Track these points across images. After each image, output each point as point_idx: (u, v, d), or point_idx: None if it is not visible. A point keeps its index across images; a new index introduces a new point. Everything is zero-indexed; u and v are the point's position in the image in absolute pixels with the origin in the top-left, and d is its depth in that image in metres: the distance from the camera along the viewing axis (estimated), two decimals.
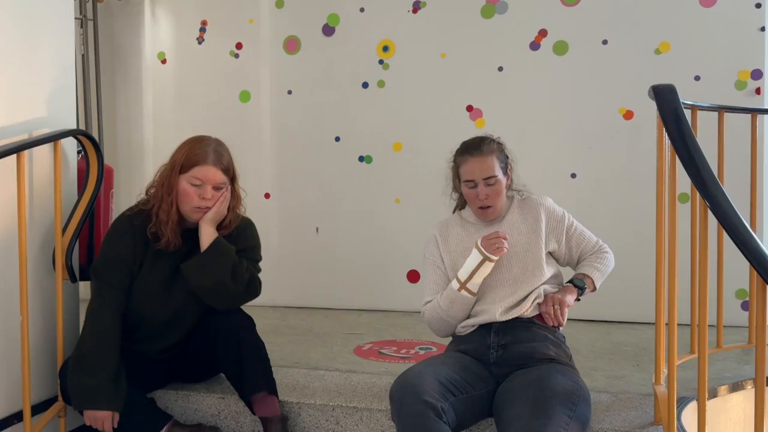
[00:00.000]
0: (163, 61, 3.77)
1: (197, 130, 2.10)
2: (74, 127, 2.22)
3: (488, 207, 1.99)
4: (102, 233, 2.32)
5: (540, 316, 1.95)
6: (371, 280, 3.50)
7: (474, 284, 1.94)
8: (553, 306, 1.92)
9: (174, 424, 2.02)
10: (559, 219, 2.04)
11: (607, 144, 3.21)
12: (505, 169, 2.02)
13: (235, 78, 3.65)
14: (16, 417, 1.95)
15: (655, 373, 1.90)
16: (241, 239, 2.07)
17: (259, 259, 2.14)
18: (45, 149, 2.02)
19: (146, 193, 2.06)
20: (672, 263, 1.73)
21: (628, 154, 3.18)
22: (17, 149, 1.85)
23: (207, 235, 1.98)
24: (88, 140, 2.16)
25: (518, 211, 2.04)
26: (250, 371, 1.99)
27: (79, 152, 2.25)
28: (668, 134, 1.66)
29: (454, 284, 1.96)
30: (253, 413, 2.01)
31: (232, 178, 2.04)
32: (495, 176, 1.96)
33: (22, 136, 1.97)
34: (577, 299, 2.01)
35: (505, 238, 1.92)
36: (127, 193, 2.18)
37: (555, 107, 3.27)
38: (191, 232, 2.03)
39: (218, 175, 1.97)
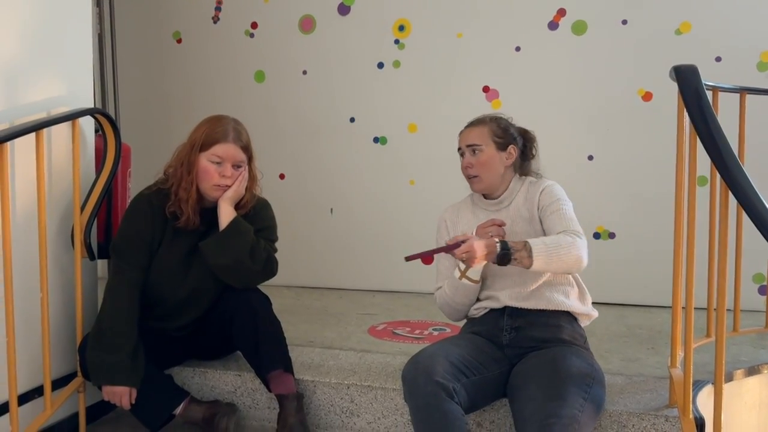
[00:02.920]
0: (179, 41, 3.76)
1: (212, 110, 2.11)
2: (92, 106, 2.23)
3: (474, 177, 1.95)
4: (119, 212, 2.35)
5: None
6: (385, 261, 3.51)
7: (474, 272, 1.91)
8: (464, 251, 1.71)
9: (191, 401, 2.05)
10: (550, 201, 1.91)
11: (626, 126, 3.18)
12: (504, 146, 1.97)
13: (250, 58, 3.64)
14: (37, 391, 1.98)
15: (671, 356, 1.90)
16: (257, 219, 2.08)
17: (276, 239, 2.15)
18: (63, 128, 2.03)
19: (164, 173, 2.07)
20: (690, 246, 1.72)
21: (647, 136, 3.15)
22: (36, 128, 1.86)
23: (226, 214, 1.99)
24: (106, 119, 2.17)
25: (524, 196, 1.98)
26: (266, 349, 2.00)
27: (96, 131, 2.26)
28: (689, 115, 1.63)
29: (456, 272, 1.94)
30: (269, 390, 2.04)
31: (250, 158, 2.06)
32: (479, 145, 1.94)
33: (40, 115, 1.98)
34: (502, 262, 1.74)
35: (501, 225, 1.87)
36: (144, 172, 2.19)
37: (573, 88, 3.23)
38: (209, 212, 2.04)
39: (238, 153, 1.99)
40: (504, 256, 1.73)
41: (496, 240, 1.75)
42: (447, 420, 1.63)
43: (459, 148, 2.00)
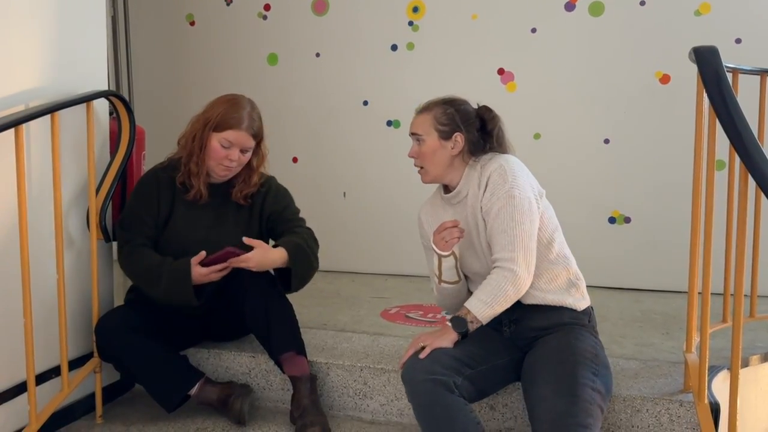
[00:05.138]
0: (192, 23, 3.75)
1: (225, 92, 2.10)
2: (106, 88, 2.23)
3: (420, 168, 1.87)
4: None
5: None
6: (398, 245, 3.49)
7: (449, 275, 1.84)
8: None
9: (206, 382, 2.07)
10: (492, 197, 1.75)
11: (642, 109, 3.13)
12: (448, 134, 1.82)
13: (263, 40, 3.62)
14: (54, 371, 2.01)
15: (686, 341, 1.89)
16: (274, 201, 2.15)
17: (298, 211, 2.20)
18: (77, 111, 2.03)
19: (178, 142, 2.11)
20: (708, 231, 1.70)
21: (664, 119, 3.10)
22: (50, 110, 1.86)
23: (280, 258, 2.02)
24: (120, 101, 2.17)
25: (477, 182, 1.81)
26: (277, 331, 2.02)
27: (111, 114, 2.26)
28: (709, 97, 1.60)
29: (434, 278, 1.89)
30: (283, 372, 2.05)
31: (260, 140, 2.10)
32: (421, 134, 1.84)
33: (54, 98, 1.98)
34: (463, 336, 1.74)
35: (455, 226, 1.75)
36: (158, 154, 2.21)
37: (589, 70, 3.19)
38: (216, 187, 2.09)
39: (248, 141, 2.04)
40: (463, 333, 1.72)
41: (447, 322, 1.73)
42: (449, 412, 1.61)
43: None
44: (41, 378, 1.95)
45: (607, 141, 3.21)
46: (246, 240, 1.97)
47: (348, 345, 2.27)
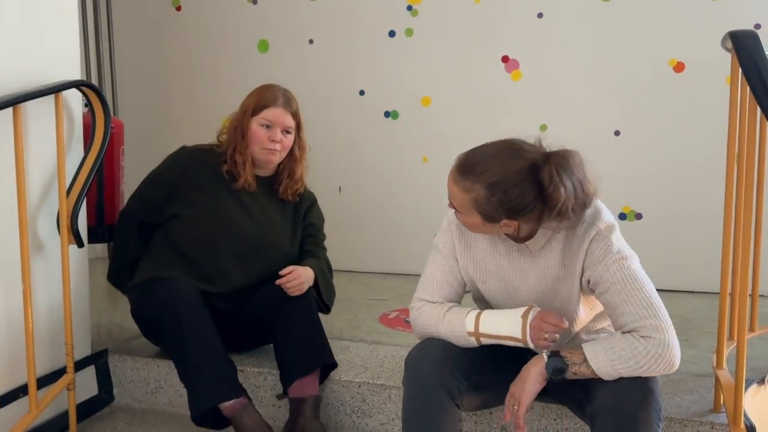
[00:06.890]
0: (178, 8, 3.57)
1: (213, 81, 1.98)
2: (78, 77, 2.04)
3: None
4: (115, 192, 2.23)
5: None
6: (396, 243, 3.35)
7: (489, 341, 1.56)
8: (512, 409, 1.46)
9: (251, 404, 1.82)
10: (604, 262, 1.49)
11: (655, 99, 2.98)
12: (495, 220, 1.47)
13: (253, 26, 3.44)
14: (23, 390, 1.83)
15: (716, 355, 1.72)
16: (314, 214, 2.19)
17: (324, 237, 2.21)
18: (46, 103, 1.85)
19: (218, 139, 2.08)
20: (746, 229, 1.54)
21: (678, 110, 2.95)
22: (12, 102, 1.68)
23: (310, 275, 2.02)
24: (93, 92, 1.99)
25: (561, 245, 1.53)
26: (322, 340, 1.92)
27: (86, 106, 2.08)
28: (750, 87, 1.44)
29: (469, 323, 1.55)
30: (285, 391, 1.88)
31: (299, 127, 2.08)
32: (459, 211, 1.52)
33: (19, 89, 1.79)
34: (557, 380, 1.46)
35: (563, 327, 1.50)
36: (143, 144, 2.05)
37: (599, 58, 3.03)
38: (262, 180, 2.08)
39: (287, 119, 2.02)
40: (558, 370, 1.44)
41: (546, 353, 1.46)
42: (438, 419, 1.47)
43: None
44: (7, 398, 1.78)
45: (617, 133, 3.06)
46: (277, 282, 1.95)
47: (344, 356, 2.10)
